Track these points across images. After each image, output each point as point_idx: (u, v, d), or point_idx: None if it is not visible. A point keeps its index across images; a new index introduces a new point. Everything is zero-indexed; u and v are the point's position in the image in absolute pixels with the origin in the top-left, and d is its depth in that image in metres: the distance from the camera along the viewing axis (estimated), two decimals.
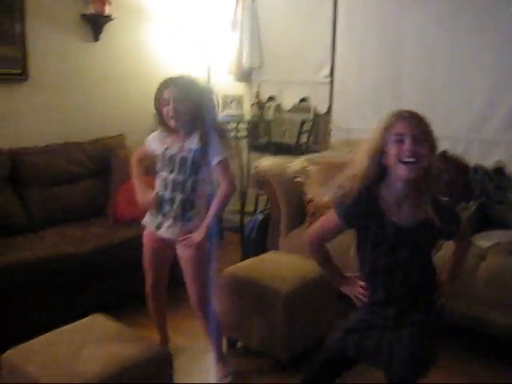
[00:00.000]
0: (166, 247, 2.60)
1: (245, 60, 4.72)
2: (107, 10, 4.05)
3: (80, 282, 3.14)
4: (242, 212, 4.60)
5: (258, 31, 4.69)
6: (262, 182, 3.70)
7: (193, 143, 2.43)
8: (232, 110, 4.49)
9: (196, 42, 4.60)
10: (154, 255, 2.65)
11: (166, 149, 2.49)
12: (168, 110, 2.40)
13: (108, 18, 4.08)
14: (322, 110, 4.44)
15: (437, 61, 3.75)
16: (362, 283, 1.94)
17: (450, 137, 3.64)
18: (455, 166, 3.56)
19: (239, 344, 3.02)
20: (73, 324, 2.30)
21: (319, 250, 2.01)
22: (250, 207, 4.60)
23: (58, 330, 2.25)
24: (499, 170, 3.56)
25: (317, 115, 4.51)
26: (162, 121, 2.49)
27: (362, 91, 4.04)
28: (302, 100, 4.57)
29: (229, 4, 4.66)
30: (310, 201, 3.54)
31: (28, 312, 2.95)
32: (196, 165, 2.43)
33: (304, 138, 4.51)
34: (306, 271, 2.91)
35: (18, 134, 3.70)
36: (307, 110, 4.55)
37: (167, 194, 2.48)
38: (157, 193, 2.52)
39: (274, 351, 2.81)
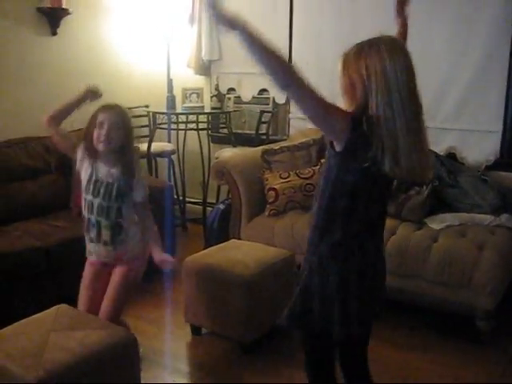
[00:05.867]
0: (104, 272, 2.54)
1: (203, 53, 4.77)
2: (64, 4, 4.02)
3: (44, 274, 3.15)
4: (204, 203, 4.67)
5: (216, 24, 4.73)
6: (223, 172, 3.76)
7: (118, 172, 2.43)
8: (192, 103, 4.53)
9: (155, 35, 4.64)
10: (93, 281, 2.54)
11: (92, 172, 2.46)
12: (100, 134, 2.36)
13: (65, 12, 4.07)
14: (281, 100, 4.53)
15: None
16: None
17: None
18: None
19: (204, 330, 3.09)
20: (38, 314, 2.33)
21: None
22: (211, 198, 4.67)
23: (24, 320, 2.28)
24: (451, 156, 3.72)
25: (276, 106, 4.61)
26: (88, 144, 2.44)
27: (319, 82, 4.09)
28: (261, 91, 4.66)
29: None
30: (270, 189, 3.63)
31: None
32: (121, 192, 2.42)
33: (264, 129, 4.60)
34: (266, 257, 3.00)
35: None
36: (266, 100, 4.64)
37: (93, 219, 2.45)
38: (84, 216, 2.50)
39: (237, 335, 2.90)
